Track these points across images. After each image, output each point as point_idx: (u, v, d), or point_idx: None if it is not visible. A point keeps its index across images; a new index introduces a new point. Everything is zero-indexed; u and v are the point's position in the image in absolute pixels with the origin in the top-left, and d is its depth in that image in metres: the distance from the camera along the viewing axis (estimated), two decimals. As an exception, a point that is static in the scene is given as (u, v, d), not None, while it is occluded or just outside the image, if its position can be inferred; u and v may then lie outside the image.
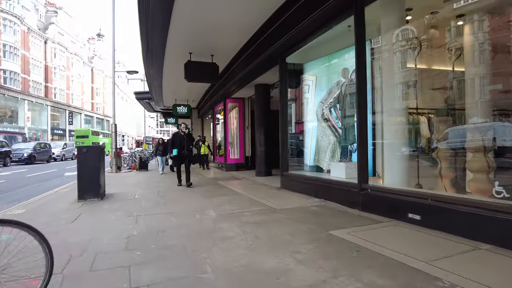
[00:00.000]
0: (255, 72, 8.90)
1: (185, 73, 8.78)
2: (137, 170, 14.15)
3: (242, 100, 12.48)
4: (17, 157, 20.09)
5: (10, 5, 34.53)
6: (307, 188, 6.20)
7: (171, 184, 8.60)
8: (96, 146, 6.15)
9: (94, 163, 6.02)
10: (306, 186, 6.26)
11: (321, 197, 5.67)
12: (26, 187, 9.35)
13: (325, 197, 5.56)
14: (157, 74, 11.43)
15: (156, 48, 8.80)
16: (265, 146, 9.99)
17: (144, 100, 19.84)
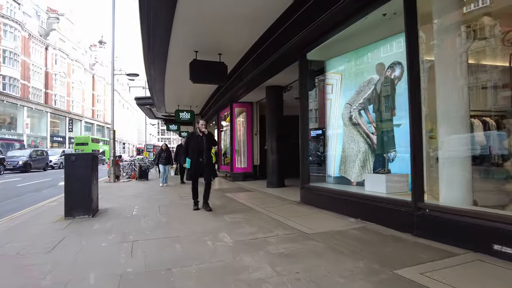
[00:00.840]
0: (268, 72, 8.02)
1: (190, 73, 7.92)
2: (136, 179, 13.20)
3: (250, 104, 11.59)
4: (11, 165, 19.18)
5: (11, 11, 34.11)
6: (337, 204, 5.24)
7: (173, 198, 7.63)
8: (87, 154, 5.22)
9: (85, 173, 5.08)
10: (336, 202, 5.29)
11: (357, 216, 4.70)
12: (12, 199, 8.40)
13: (364, 216, 4.60)
14: (159, 76, 10.58)
15: (158, 46, 7.95)
16: (277, 154, 9.05)
17: (145, 106, 19.00)
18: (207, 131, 5.96)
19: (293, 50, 6.47)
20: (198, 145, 5.76)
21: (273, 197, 7.22)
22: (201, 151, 5.75)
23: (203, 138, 5.80)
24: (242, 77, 9.16)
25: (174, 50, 8.02)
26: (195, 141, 5.82)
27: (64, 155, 4.94)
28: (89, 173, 5.12)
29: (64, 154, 5.28)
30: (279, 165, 9.05)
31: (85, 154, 5.28)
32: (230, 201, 6.79)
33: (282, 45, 6.48)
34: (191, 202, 5.95)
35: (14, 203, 7.72)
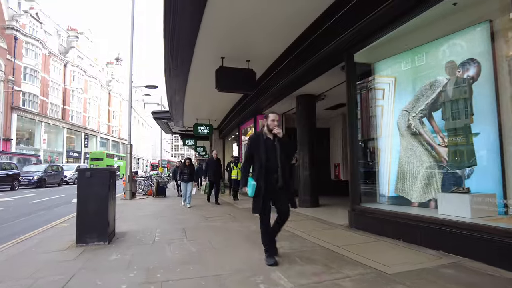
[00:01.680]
0: (303, 79, 7.25)
1: (216, 81, 7.24)
2: (153, 196, 12.45)
3: (275, 116, 10.77)
4: (26, 180, 18.81)
5: (33, 30, 35.08)
6: (406, 231, 4.27)
7: (198, 219, 6.76)
8: (104, 169, 4.47)
9: (101, 192, 4.31)
10: (404, 229, 4.32)
11: (437, 247, 3.73)
12: (23, 218, 7.71)
13: (447, 248, 3.62)
14: (180, 87, 9.97)
15: (182, 53, 7.33)
16: (310, 169, 8.14)
17: (162, 120, 18.51)
18: (281, 131, 3.74)
19: (337, 50, 5.70)
20: (268, 155, 3.53)
21: (313, 220, 6.27)
22: (274, 166, 3.52)
23: (275, 144, 3.62)
24: (270, 86, 8.43)
25: (199, 56, 7.39)
26: (263, 149, 3.58)
27: (78, 170, 4.17)
28: (106, 191, 4.34)
29: (78, 169, 4.45)
30: (312, 182, 8.12)
31: (102, 169, 4.51)
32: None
33: (325, 45, 5.72)
34: (220, 224, 5.09)
35: (23, 223, 7.02)
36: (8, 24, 32.46)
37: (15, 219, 7.56)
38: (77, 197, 4.31)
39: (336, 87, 7.77)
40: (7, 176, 16.96)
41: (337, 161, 11.32)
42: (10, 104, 31.12)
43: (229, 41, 6.63)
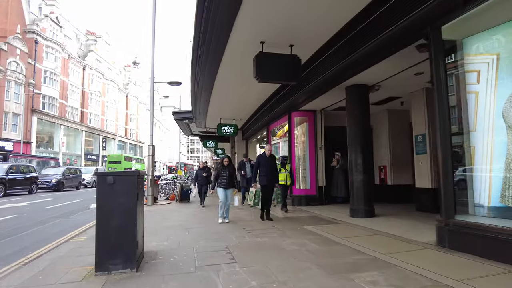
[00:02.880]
0: (360, 65, 6.05)
1: (255, 69, 6.16)
2: (176, 201, 11.48)
3: (312, 113, 9.62)
4: (44, 184, 18.30)
5: (53, 33, 35.26)
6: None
7: (238, 232, 5.62)
8: (130, 172, 3.37)
9: (128, 202, 3.26)
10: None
11: None
12: (36, 227, 6.82)
13: None
14: (207, 82, 8.95)
15: (216, 39, 6.28)
16: (364, 173, 6.91)
17: (183, 121, 17.62)
18: None
19: (416, 25, 4.51)
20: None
21: (383, 235, 5.04)
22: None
23: None
24: (313, 76, 7.28)
25: (235, 41, 6.31)
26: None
27: (96, 174, 3.12)
28: (134, 201, 3.29)
29: (97, 173, 3.37)
30: (366, 188, 6.89)
31: (128, 173, 3.44)
32: (327, 242, 4.68)
33: (399, 19, 4.55)
34: (269, 241, 3.98)
35: (35, 234, 6.09)
36: (29, 28, 32.70)
37: (28, 228, 6.66)
38: (97, 209, 3.28)
39: (396, 76, 6.56)
40: (25, 179, 16.44)
41: (382, 164, 10.01)
42: (31, 107, 31.19)
43: (272, 20, 5.54)
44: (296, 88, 8.37)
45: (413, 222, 6.16)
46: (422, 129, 7.71)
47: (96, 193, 3.27)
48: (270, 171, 6.85)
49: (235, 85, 9.31)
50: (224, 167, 6.84)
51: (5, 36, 30.17)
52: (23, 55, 30.92)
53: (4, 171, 15.16)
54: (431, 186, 7.42)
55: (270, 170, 6.86)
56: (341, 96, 8.10)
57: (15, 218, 8.13)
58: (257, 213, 7.38)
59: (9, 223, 7.25)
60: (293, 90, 8.67)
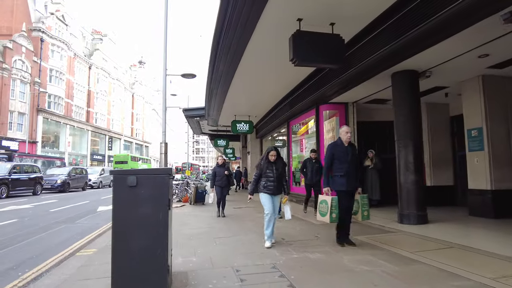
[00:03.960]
0: (417, 45, 5.09)
1: (293, 51, 5.24)
2: (190, 203, 10.58)
3: (344, 106, 8.66)
4: (49, 184, 17.53)
5: (59, 32, 34.69)
6: None
7: (277, 244, 4.69)
8: (160, 170, 2.41)
9: (155, 214, 2.33)
10: None
11: None
12: (37, 235, 5.93)
13: None
14: (227, 70, 8.03)
15: (245, 17, 5.37)
16: (416, 173, 5.94)
17: (194, 119, 16.77)
18: None
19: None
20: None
21: (462, 249, 4.05)
22: None
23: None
24: (354, 61, 6.31)
25: (268, 19, 5.38)
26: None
27: (113, 173, 2.14)
28: (165, 212, 2.37)
29: (113, 172, 2.33)
30: (418, 191, 5.91)
31: (155, 171, 2.52)
32: (400, 260, 3.72)
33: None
34: (322, 257, 3.01)
35: (35, 245, 5.21)
36: (35, 26, 32.12)
37: (28, 236, 5.78)
38: (113, 223, 2.37)
39: (455, 59, 5.59)
40: (29, 179, 15.66)
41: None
42: (36, 106, 30.59)
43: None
44: (329, 77, 7.42)
45: (482, 230, 5.18)
46: (477, 122, 6.71)
47: (113, 199, 2.35)
48: (350, 168, 4.36)
49: (258, 75, 8.40)
50: (270, 164, 4.62)
51: (10, 34, 29.62)
52: (29, 53, 30.33)
53: (7, 171, 14.38)
54: (489, 188, 6.42)
55: (350, 166, 4.36)
56: (381, 85, 7.16)
57: (15, 223, 7.28)
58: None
59: (8, 230, 6.38)
60: (324, 80, 7.72)
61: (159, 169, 2.59)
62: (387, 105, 9.32)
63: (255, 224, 6.25)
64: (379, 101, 8.74)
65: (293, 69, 7.99)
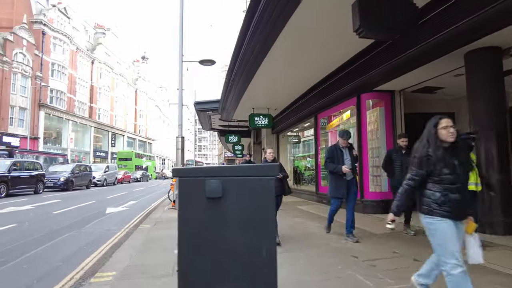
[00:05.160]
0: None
1: (359, 18, 4.18)
2: (208, 205, 9.52)
3: (389, 95, 7.56)
4: (51, 182, 16.53)
5: (61, 24, 33.62)
6: None
7: (364, 270, 3.60)
8: (258, 169, 1.31)
9: (252, 247, 1.23)
10: None
11: None
12: (39, 247, 4.87)
13: None
14: (258, 53, 6.91)
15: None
16: (501, 172, 4.85)
17: (206, 113, 15.70)
18: None
19: None
20: None
21: None
22: None
23: None
24: (422, 36, 5.20)
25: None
26: None
27: (178, 175, 1.03)
28: (270, 246, 1.27)
29: (179, 172, 1.17)
30: (505, 192, 4.83)
31: (253, 170, 1.37)
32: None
33: None
34: None
35: (33, 264, 4.15)
36: (36, 19, 31.06)
37: (26, 249, 4.73)
38: (179, 262, 1.27)
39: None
40: (30, 177, 14.64)
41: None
42: (38, 101, 29.57)
43: None
44: (380, 59, 6.31)
45: None
46: None
47: (179, 220, 1.26)
48: None
49: (291, 59, 7.32)
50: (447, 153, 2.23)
51: (11, 27, 28.55)
52: (30, 46, 29.27)
53: (6, 167, 13.35)
54: None
55: None
56: (443, 68, 6.06)
57: (13, 229, 6.23)
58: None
59: (4, 239, 5.34)
60: (372, 63, 6.62)
61: (257, 166, 1.48)
62: (434, 95, 8.26)
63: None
64: (428, 90, 7.66)
65: (334, 51, 6.97)
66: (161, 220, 6.81)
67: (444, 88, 7.58)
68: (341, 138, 4.83)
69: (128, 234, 5.59)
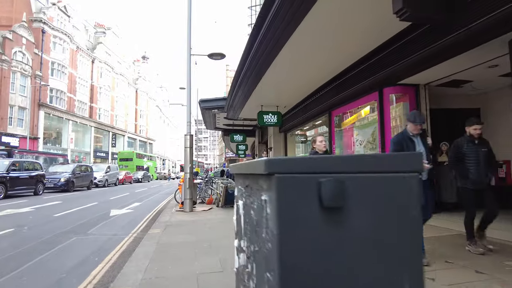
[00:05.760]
0: None
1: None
2: (218, 206, 9.05)
3: (413, 89, 7.06)
4: (52, 183, 16.01)
5: (61, 23, 33.15)
6: None
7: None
8: (397, 159, 0.81)
9: (392, 278, 0.73)
10: None
11: None
12: (39, 256, 4.37)
13: None
14: (276, 43, 6.43)
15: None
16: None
17: (211, 111, 15.19)
18: None
19: None
20: None
21: None
22: None
23: None
24: (468, 18, 4.71)
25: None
26: None
27: (280, 172, 0.54)
28: (417, 274, 0.78)
29: (279, 164, 0.68)
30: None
31: (393, 159, 0.86)
32: None
33: None
34: None
35: (32, 278, 3.66)
36: (36, 17, 30.60)
37: (24, 259, 4.24)
38: None
39: None
40: (29, 178, 14.12)
41: (505, 157, 7.46)
42: (37, 101, 29.09)
43: None
44: (410, 49, 5.82)
45: None
46: None
47: (279, 253, 0.76)
48: None
49: (310, 50, 6.82)
50: None
51: (10, 25, 28.08)
52: (29, 45, 28.80)
53: (5, 168, 12.83)
54: None
55: None
56: (477, 59, 5.56)
57: (11, 235, 5.73)
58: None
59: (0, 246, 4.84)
60: (398, 54, 6.13)
61: (394, 156, 0.96)
62: (459, 90, 7.77)
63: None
64: (455, 84, 7.17)
65: (357, 40, 6.47)
66: (171, 224, 6.31)
67: (472, 81, 7.10)
68: (411, 123, 3.47)
69: (137, 240, 5.10)
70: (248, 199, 1.10)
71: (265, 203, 0.82)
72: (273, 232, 0.75)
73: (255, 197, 0.96)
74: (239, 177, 1.30)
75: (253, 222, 1.01)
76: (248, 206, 1.09)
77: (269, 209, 0.79)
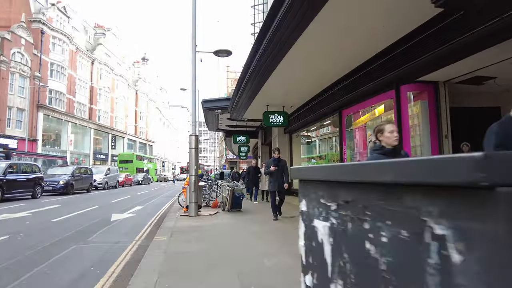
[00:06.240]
0: None
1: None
2: (224, 210, 8.64)
3: (432, 86, 6.68)
4: (50, 186, 15.58)
5: (60, 24, 32.81)
6: None
7: None
8: None
9: None
10: None
11: None
12: (36, 268, 3.96)
13: None
14: (288, 37, 6.06)
15: None
16: None
17: (214, 111, 14.82)
18: None
19: None
20: None
21: None
22: None
23: None
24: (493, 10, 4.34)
25: None
26: None
27: (108, 173, 0.62)
28: None
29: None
30: None
31: None
32: None
33: None
34: None
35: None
36: (35, 17, 30.25)
37: (19, 271, 3.82)
38: None
39: None
40: (27, 180, 13.70)
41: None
42: (36, 102, 28.69)
43: None
44: (432, 43, 5.45)
45: None
46: None
47: None
48: None
49: (326, 44, 6.45)
50: None
51: (8, 26, 27.71)
52: (28, 45, 28.42)
53: (1, 170, 12.41)
54: None
55: None
56: (504, 54, 5.19)
57: (5, 243, 5.32)
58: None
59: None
60: (419, 49, 5.76)
61: None
62: (480, 87, 7.40)
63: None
64: (476, 81, 6.80)
65: (376, 33, 6.10)
66: (177, 230, 5.90)
67: (496, 78, 6.72)
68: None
69: (141, 248, 4.70)
70: (343, 222, 0.71)
71: (443, 239, 0.43)
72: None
73: (387, 224, 0.57)
74: (317, 185, 0.91)
75: (367, 262, 0.62)
76: (348, 232, 0.70)
77: (458, 254, 0.41)
